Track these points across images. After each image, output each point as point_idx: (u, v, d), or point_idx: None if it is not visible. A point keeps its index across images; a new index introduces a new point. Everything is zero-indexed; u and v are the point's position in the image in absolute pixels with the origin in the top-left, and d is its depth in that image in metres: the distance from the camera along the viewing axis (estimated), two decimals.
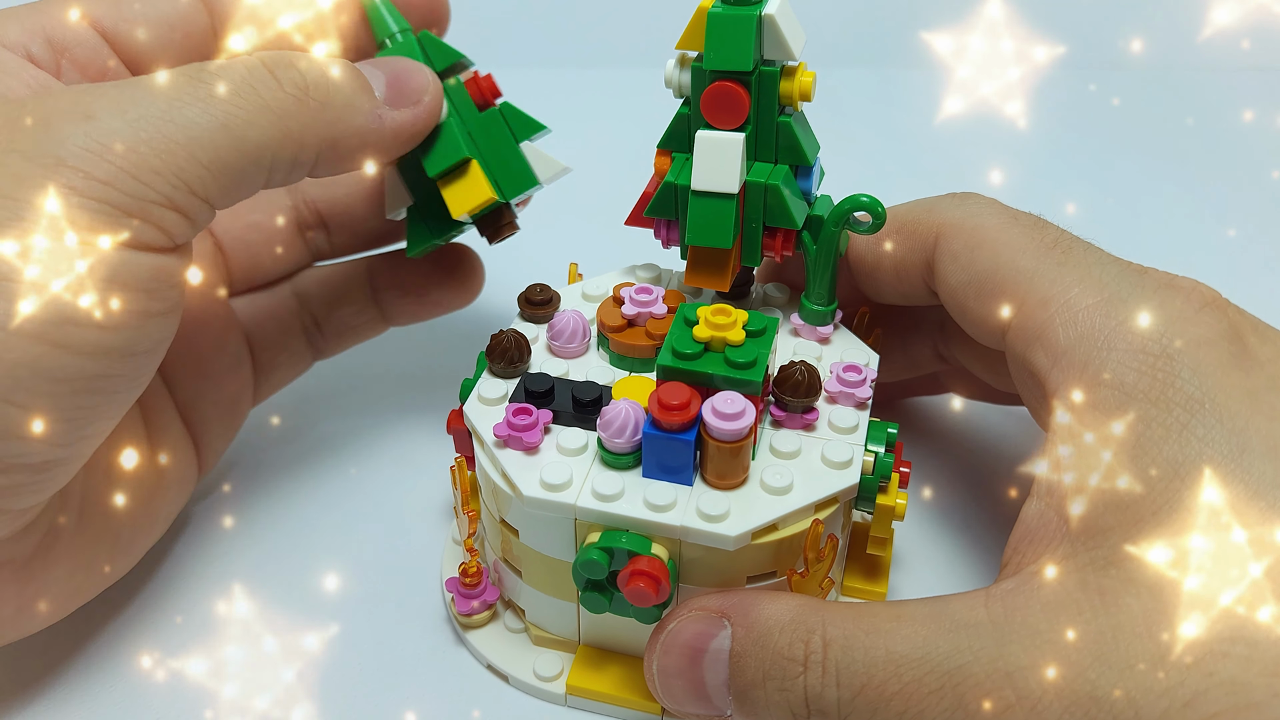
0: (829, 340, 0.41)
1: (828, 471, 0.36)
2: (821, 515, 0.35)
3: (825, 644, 0.32)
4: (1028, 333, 0.35)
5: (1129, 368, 0.33)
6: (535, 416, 0.37)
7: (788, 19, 0.37)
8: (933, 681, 0.30)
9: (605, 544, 0.35)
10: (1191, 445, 0.31)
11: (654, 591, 0.34)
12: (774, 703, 0.33)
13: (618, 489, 0.35)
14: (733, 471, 0.35)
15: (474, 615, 0.40)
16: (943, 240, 0.39)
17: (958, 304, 0.39)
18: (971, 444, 0.50)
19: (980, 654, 0.30)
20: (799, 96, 0.38)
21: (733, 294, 0.43)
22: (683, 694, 0.35)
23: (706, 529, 0.34)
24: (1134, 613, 0.29)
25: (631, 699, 0.38)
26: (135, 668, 0.39)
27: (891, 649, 0.31)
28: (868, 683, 0.31)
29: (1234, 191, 0.70)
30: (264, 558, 0.44)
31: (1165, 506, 0.30)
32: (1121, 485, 0.31)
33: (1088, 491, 0.32)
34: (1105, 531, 0.31)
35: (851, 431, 0.37)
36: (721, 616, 0.34)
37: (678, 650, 0.34)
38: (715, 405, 0.34)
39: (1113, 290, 0.35)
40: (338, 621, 0.41)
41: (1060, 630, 0.30)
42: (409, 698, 0.39)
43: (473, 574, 0.40)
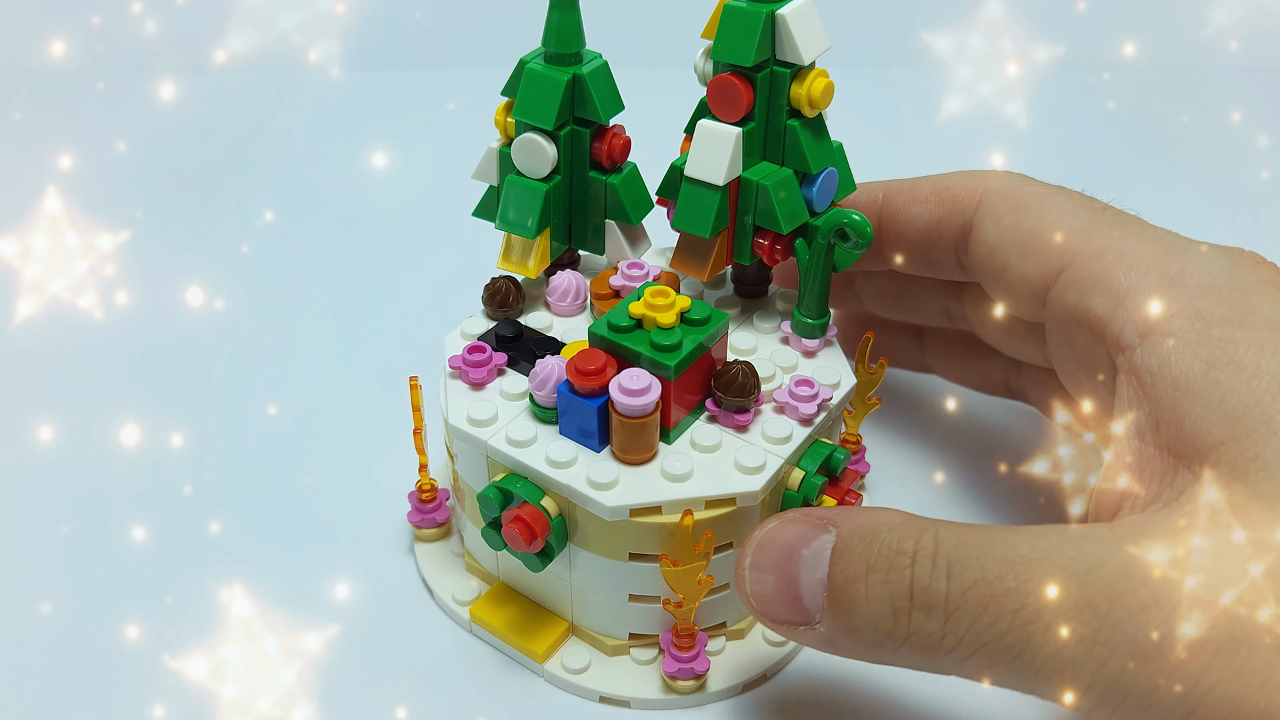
0: (814, 354, 0.41)
1: (733, 473, 0.36)
2: (712, 513, 0.35)
3: (937, 541, 0.31)
4: (1083, 282, 0.36)
5: (1204, 300, 0.32)
6: (488, 356, 0.39)
7: (805, 22, 0.37)
8: (1055, 582, 0.29)
9: (503, 485, 0.37)
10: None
11: (525, 539, 0.35)
12: (875, 596, 0.31)
13: (529, 437, 0.37)
14: (634, 447, 0.36)
15: (423, 529, 0.43)
16: (985, 205, 0.40)
17: (998, 264, 0.39)
18: (973, 442, 0.49)
19: (1110, 559, 0.29)
20: (807, 102, 0.37)
21: (747, 292, 0.44)
22: (774, 593, 0.33)
23: (588, 494, 0.35)
24: (1271, 524, 0.28)
25: (518, 640, 0.39)
26: (136, 667, 0.39)
27: (1010, 549, 0.30)
28: (981, 577, 0.29)
29: (1234, 191, 0.68)
30: (265, 557, 0.43)
31: (1277, 417, 0.29)
32: (1225, 399, 0.30)
33: (1178, 408, 0.31)
34: (1216, 448, 0.30)
35: (780, 443, 0.37)
36: (827, 522, 0.33)
37: (776, 547, 0.33)
38: (622, 380, 0.35)
39: (1170, 242, 0.35)
40: (337, 621, 0.41)
41: (1196, 542, 0.28)
42: (410, 698, 0.39)
43: (427, 490, 0.43)
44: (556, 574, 0.39)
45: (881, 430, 0.49)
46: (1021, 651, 0.29)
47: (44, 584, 0.42)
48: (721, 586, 0.38)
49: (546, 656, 0.39)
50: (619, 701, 0.38)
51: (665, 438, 0.37)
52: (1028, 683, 0.30)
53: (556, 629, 0.40)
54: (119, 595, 0.42)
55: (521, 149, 0.39)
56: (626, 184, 0.41)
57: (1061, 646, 0.28)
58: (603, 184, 0.41)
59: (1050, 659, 0.28)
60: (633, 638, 0.39)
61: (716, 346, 0.37)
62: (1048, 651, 0.28)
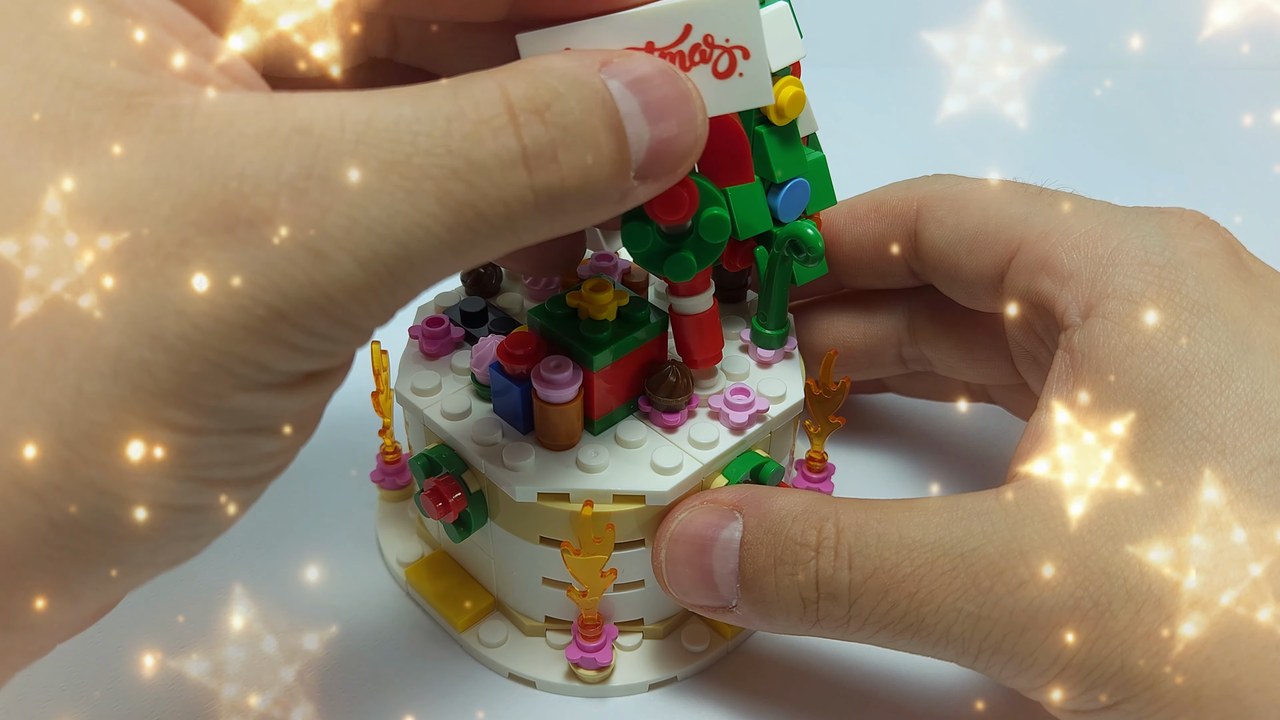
0: (769, 365, 0.40)
1: (647, 472, 0.36)
2: (620, 508, 0.36)
3: (838, 530, 0.33)
4: (1031, 265, 0.36)
5: (1135, 278, 0.33)
6: (445, 329, 0.40)
7: (778, 28, 0.36)
8: (945, 564, 0.31)
9: (431, 454, 0.38)
10: (1200, 344, 0.32)
11: (436, 507, 0.36)
12: (784, 587, 0.34)
13: (462, 410, 0.38)
14: (553, 434, 0.36)
15: (384, 489, 0.45)
16: (925, 211, 0.40)
17: (950, 265, 0.39)
18: (966, 446, 0.49)
19: (993, 537, 0.31)
20: (775, 110, 0.37)
21: (723, 296, 0.43)
22: (689, 582, 0.36)
23: (501, 474, 0.36)
24: (1147, 498, 0.30)
25: (442, 609, 0.40)
26: (135, 668, 0.39)
27: (905, 534, 0.32)
28: (880, 565, 0.32)
29: (1234, 191, 0.68)
30: (265, 555, 0.44)
31: (1175, 401, 0.31)
32: (1133, 382, 0.32)
33: (1096, 389, 0.32)
34: (1116, 427, 0.32)
35: (705, 448, 0.37)
36: (733, 509, 0.35)
37: (687, 539, 0.35)
38: (543, 366, 0.36)
39: (1108, 217, 0.36)
40: (337, 622, 0.41)
41: (1073, 511, 0.31)
42: (410, 698, 0.39)
43: (390, 453, 0.44)
44: (482, 548, 0.40)
45: (847, 432, 0.48)
46: (919, 629, 0.32)
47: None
48: (635, 583, 0.38)
49: (466, 628, 0.40)
50: (526, 681, 0.39)
51: (591, 428, 0.37)
52: (928, 652, 0.33)
53: (482, 602, 0.40)
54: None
55: None
56: None
57: (952, 623, 0.31)
58: None
59: (944, 635, 0.32)
60: (550, 621, 0.40)
61: (654, 345, 0.38)
62: (941, 628, 0.31)
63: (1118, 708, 0.30)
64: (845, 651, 0.40)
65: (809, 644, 0.40)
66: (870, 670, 0.39)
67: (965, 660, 0.32)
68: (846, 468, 0.47)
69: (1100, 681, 0.30)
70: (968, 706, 0.39)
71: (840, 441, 0.48)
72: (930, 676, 0.39)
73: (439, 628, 0.41)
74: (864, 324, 0.45)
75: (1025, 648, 0.31)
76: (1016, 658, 0.31)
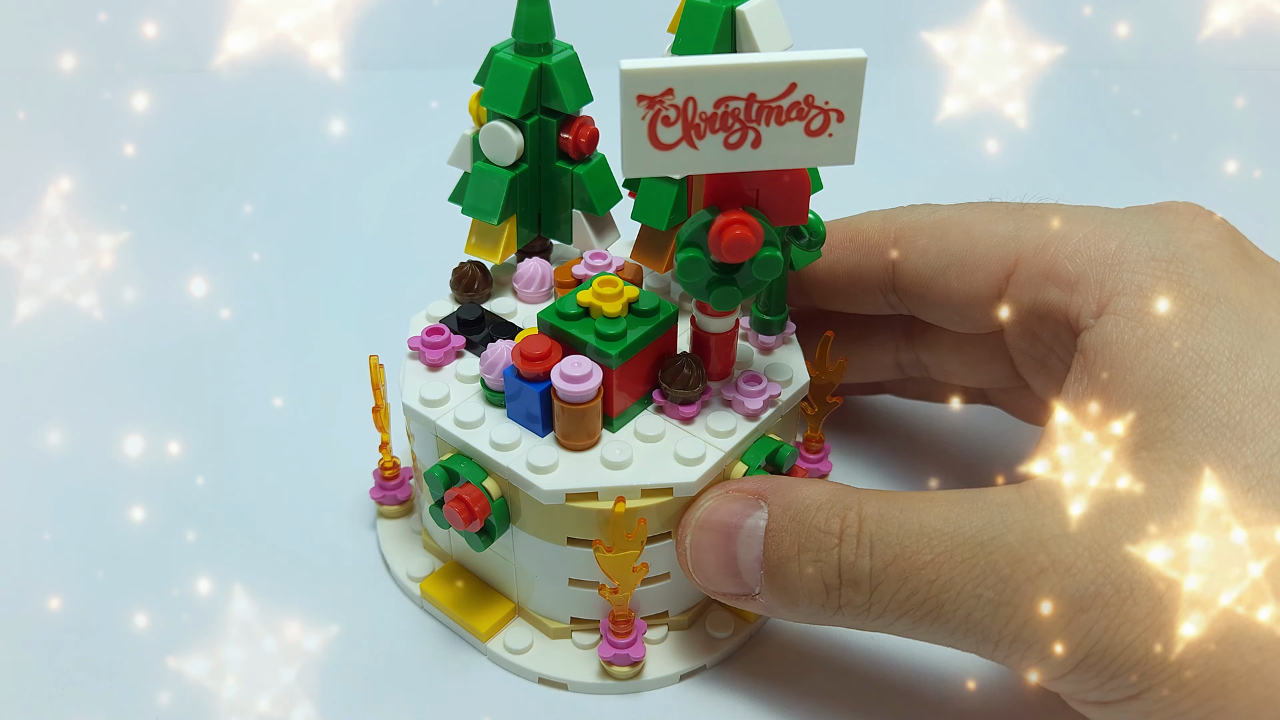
0: (770, 351, 0.41)
1: (673, 464, 0.36)
2: (648, 502, 0.36)
3: (860, 519, 0.34)
4: (1034, 278, 0.37)
5: (1143, 274, 0.34)
6: (446, 338, 0.40)
7: (766, 18, 0.37)
8: (965, 552, 0.32)
9: (449, 464, 0.37)
10: (1214, 334, 0.32)
11: (464, 518, 0.36)
12: (807, 575, 0.34)
13: (477, 418, 0.37)
14: (575, 434, 0.36)
15: (384, 505, 0.44)
16: (904, 241, 0.40)
17: (939, 291, 0.40)
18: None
19: (1013, 525, 0.31)
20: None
21: None
22: (714, 570, 0.36)
23: (527, 477, 0.36)
24: (1165, 486, 0.30)
25: (463, 618, 0.40)
26: (136, 668, 0.39)
27: (925, 522, 0.33)
28: (900, 553, 0.32)
29: (1234, 191, 0.68)
30: (265, 555, 0.44)
31: (1193, 390, 0.31)
32: (1149, 374, 0.32)
33: (1113, 383, 0.33)
34: (1133, 420, 0.32)
35: (724, 436, 0.37)
36: (757, 497, 0.35)
37: (713, 526, 0.36)
38: (563, 366, 0.35)
39: (1102, 219, 0.36)
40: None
41: (1093, 501, 0.31)
42: (410, 697, 0.39)
43: (389, 468, 0.44)
44: (502, 555, 0.39)
45: (846, 432, 0.49)
46: (939, 615, 0.32)
47: (41, 583, 0.42)
48: (661, 576, 0.38)
49: (490, 636, 0.40)
50: (557, 684, 0.39)
51: (609, 425, 0.37)
52: (949, 641, 0.33)
53: (502, 609, 0.40)
54: (119, 594, 0.42)
55: (488, 136, 0.40)
56: (593, 175, 0.41)
57: (972, 609, 0.32)
58: (569, 174, 0.41)
59: (964, 621, 0.32)
60: (575, 622, 0.40)
61: (665, 338, 0.38)
62: (961, 614, 0.32)
63: (1142, 696, 0.30)
64: (868, 635, 0.41)
65: (832, 629, 0.41)
66: (894, 653, 0.40)
67: (986, 649, 0.32)
68: (845, 468, 0.48)
69: (1123, 669, 0.30)
70: (990, 699, 0.39)
71: (839, 442, 0.49)
72: (955, 668, 0.39)
73: (459, 639, 0.41)
74: (860, 330, 0.45)
75: (1045, 634, 0.31)
76: (1037, 645, 0.31)
